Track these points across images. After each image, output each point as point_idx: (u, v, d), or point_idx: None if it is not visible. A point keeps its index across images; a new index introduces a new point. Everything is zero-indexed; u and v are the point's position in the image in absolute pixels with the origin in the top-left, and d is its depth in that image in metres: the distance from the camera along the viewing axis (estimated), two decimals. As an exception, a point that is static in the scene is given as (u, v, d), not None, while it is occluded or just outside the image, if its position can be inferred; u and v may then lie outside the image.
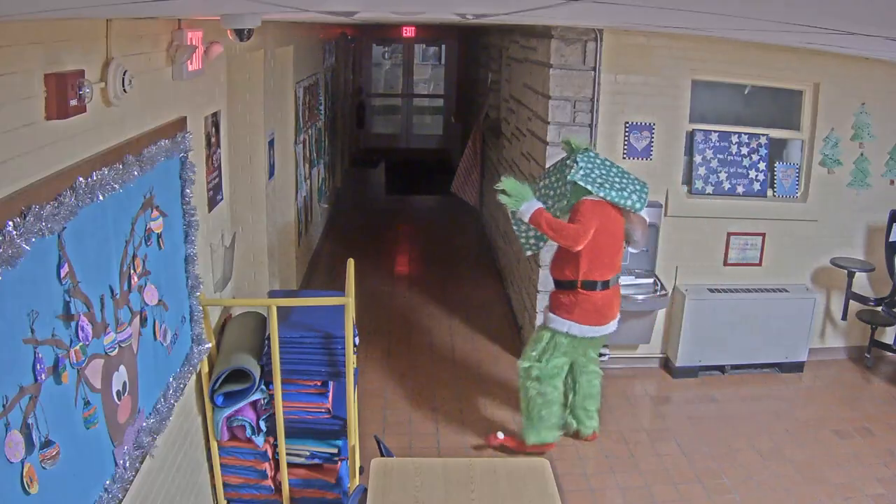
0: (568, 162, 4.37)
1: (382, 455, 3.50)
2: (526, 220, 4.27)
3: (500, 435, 4.76)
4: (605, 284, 4.38)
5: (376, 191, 12.26)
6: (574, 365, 4.65)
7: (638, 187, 4.36)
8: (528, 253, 4.60)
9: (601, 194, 4.22)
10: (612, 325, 4.51)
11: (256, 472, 3.68)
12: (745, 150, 5.64)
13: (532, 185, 4.57)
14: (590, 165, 4.31)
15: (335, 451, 3.75)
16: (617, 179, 4.33)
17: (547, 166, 4.59)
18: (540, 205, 4.27)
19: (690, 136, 5.57)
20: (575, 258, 4.30)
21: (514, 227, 4.60)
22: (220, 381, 3.48)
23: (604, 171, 4.33)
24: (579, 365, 4.66)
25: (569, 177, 4.25)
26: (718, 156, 5.61)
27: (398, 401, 5.24)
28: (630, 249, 4.93)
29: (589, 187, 4.21)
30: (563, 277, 4.41)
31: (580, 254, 4.27)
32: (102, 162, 2.35)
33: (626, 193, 4.28)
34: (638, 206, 4.31)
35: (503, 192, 4.28)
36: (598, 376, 4.75)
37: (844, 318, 5.85)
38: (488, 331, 6.44)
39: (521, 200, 4.26)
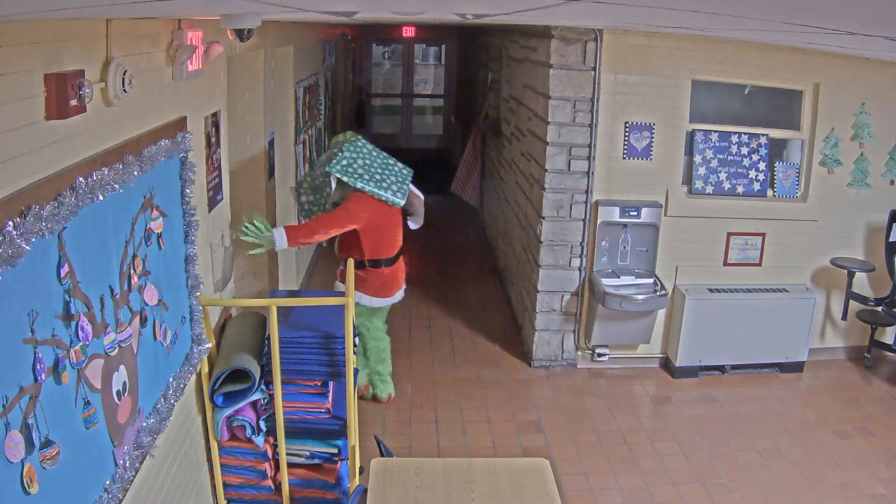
0: (335, 150, 4.49)
1: (382, 455, 3.50)
2: (285, 246, 4.35)
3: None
4: (390, 261, 4.73)
5: (376, 191, 12.21)
6: (361, 334, 4.85)
7: (399, 179, 4.57)
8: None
9: (358, 185, 4.38)
10: (398, 296, 4.85)
11: (256, 472, 3.68)
12: (745, 150, 5.64)
13: (304, 179, 4.79)
14: (353, 156, 4.45)
15: (335, 451, 3.75)
16: (378, 171, 4.50)
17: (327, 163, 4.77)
18: (282, 229, 4.33)
19: (690, 136, 5.57)
20: (357, 242, 4.53)
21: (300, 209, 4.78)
22: (220, 381, 3.48)
23: (367, 162, 4.48)
24: (367, 332, 4.87)
25: (328, 168, 4.40)
26: (718, 156, 5.61)
27: (398, 401, 5.24)
28: (410, 225, 5.09)
29: (346, 179, 4.35)
30: (351, 257, 4.55)
31: (360, 239, 4.51)
32: (102, 162, 2.35)
33: (385, 185, 4.47)
34: (396, 200, 4.51)
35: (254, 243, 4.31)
36: (386, 342, 5.04)
37: (844, 318, 5.86)
38: (488, 331, 6.44)
39: (269, 239, 4.28)
